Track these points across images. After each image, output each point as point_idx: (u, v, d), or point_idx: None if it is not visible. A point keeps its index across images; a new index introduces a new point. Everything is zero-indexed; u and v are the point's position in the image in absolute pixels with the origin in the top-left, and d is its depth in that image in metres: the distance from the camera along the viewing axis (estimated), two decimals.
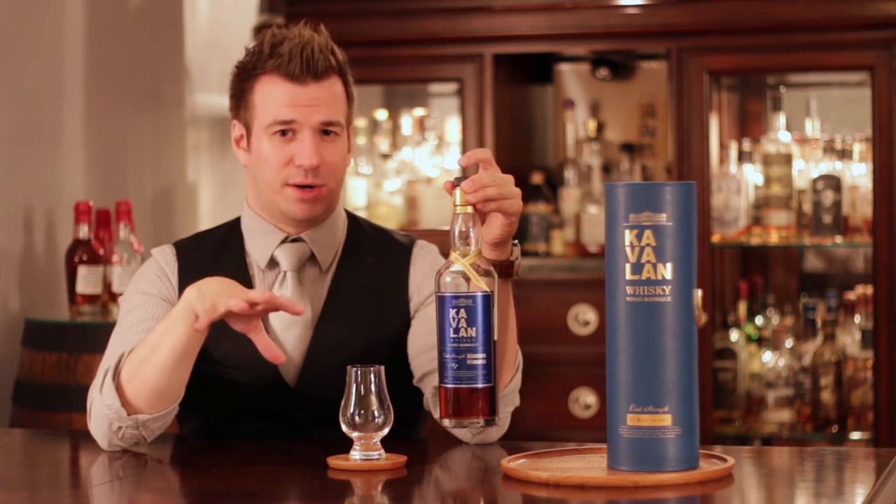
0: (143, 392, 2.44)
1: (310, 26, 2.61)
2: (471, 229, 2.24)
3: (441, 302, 2.23)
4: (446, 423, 2.28)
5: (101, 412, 2.46)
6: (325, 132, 2.58)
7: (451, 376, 2.23)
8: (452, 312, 2.22)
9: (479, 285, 2.22)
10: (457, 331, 2.22)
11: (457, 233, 2.24)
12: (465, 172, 2.35)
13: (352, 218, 2.73)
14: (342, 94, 2.61)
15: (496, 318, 2.24)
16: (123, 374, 2.46)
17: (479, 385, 2.23)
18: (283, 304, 2.41)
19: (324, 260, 2.65)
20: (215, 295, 2.39)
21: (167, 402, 2.46)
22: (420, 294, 2.64)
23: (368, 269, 2.66)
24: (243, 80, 2.61)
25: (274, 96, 2.57)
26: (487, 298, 2.23)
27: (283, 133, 2.57)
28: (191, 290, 2.43)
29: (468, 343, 2.22)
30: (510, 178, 2.30)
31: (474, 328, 2.22)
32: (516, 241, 2.37)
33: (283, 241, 2.64)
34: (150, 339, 2.45)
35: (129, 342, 2.53)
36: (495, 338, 2.24)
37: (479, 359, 2.22)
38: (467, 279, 2.22)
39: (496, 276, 2.26)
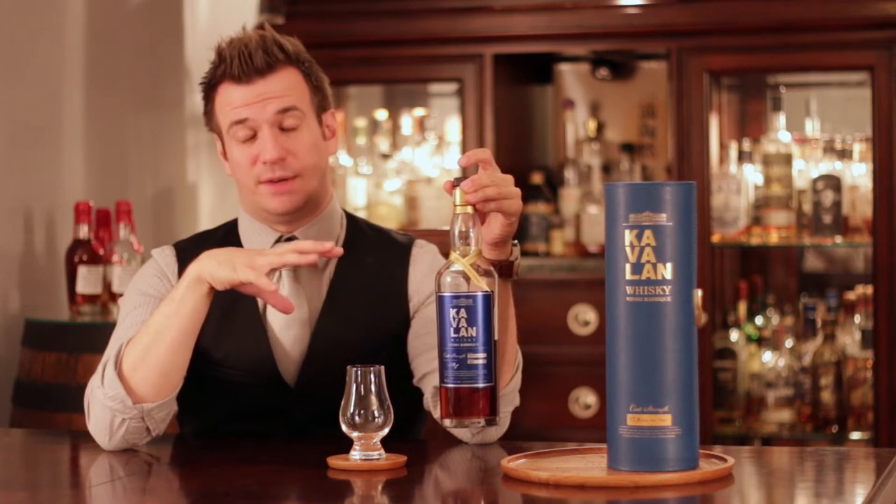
0: (151, 378, 2.44)
1: (256, 26, 2.66)
2: (471, 229, 2.24)
3: (441, 302, 2.23)
4: (447, 422, 2.28)
5: (103, 406, 2.46)
6: (286, 126, 2.59)
7: (451, 376, 2.23)
8: (453, 312, 2.22)
9: (480, 285, 2.22)
10: (457, 330, 2.22)
11: (457, 233, 2.24)
12: (465, 172, 2.35)
13: (350, 218, 2.73)
14: (300, 81, 2.62)
15: (496, 317, 2.24)
16: (126, 363, 2.45)
17: (480, 385, 2.23)
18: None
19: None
20: (247, 259, 2.39)
21: (171, 386, 2.46)
22: (420, 294, 2.64)
23: (367, 268, 2.66)
24: (207, 95, 2.68)
25: (227, 101, 2.62)
26: (488, 298, 2.23)
27: (244, 134, 2.59)
28: (203, 264, 2.43)
29: (468, 343, 2.22)
30: (510, 178, 2.30)
31: (475, 328, 2.22)
32: (516, 241, 2.37)
33: (278, 241, 2.64)
34: (154, 324, 2.45)
35: None
36: (496, 337, 2.24)
37: (479, 358, 2.22)
38: (467, 279, 2.22)
39: (496, 275, 2.26)
